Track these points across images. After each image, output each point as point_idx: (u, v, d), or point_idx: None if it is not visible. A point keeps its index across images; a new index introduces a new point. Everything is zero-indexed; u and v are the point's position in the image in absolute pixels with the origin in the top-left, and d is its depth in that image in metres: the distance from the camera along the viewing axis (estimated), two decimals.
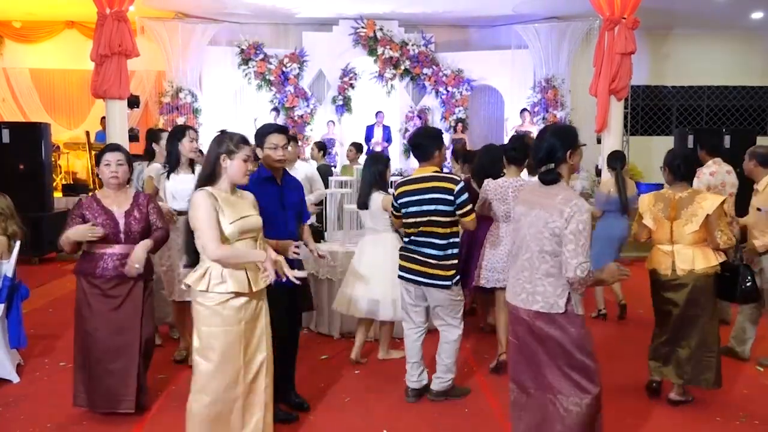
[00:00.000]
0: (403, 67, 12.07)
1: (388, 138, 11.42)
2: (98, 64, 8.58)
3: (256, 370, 2.90)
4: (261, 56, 11.90)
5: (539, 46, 11.83)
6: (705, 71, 12.69)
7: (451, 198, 3.55)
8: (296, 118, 11.96)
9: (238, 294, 2.79)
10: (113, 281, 3.44)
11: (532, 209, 2.68)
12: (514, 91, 12.16)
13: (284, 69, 11.94)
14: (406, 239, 3.78)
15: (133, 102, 9.61)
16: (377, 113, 11.39)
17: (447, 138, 12.01)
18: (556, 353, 2.65)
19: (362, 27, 11.90)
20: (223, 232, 2.78)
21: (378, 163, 4.46)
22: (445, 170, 4.50)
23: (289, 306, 3.47)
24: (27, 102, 12.67)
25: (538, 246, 2.63)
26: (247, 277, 2.81)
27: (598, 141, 9.56)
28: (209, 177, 2.88)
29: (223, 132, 2.96)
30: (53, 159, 10.50)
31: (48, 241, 8.41)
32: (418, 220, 3.63)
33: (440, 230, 3.61)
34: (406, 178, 3.82)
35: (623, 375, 4.29)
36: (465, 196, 3.57)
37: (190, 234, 2.87)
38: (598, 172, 9.23)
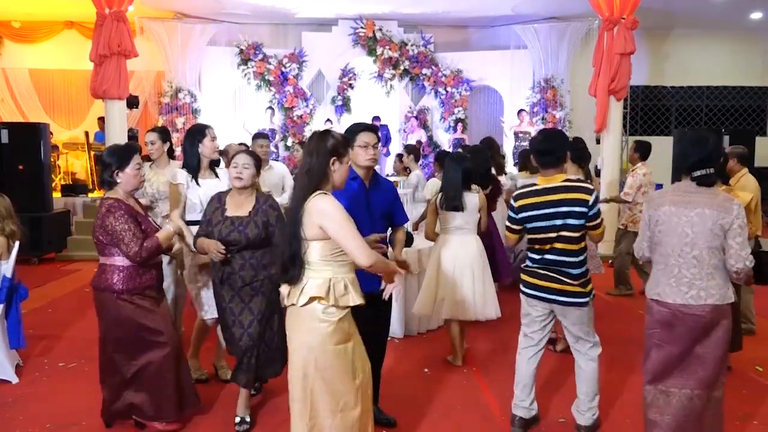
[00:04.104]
0: (402, 68, 12.07)
1: (387, 139, 11.40)
2: (97, 64, 8.59)
3: (366, 385, 2.69)
4: (260, 56, 11.90)
5: (538, 46, 11.83)
6: (704, 71, 12.70)
7: (585, 210, 3.20)
8: (295, 118, 11.97)
9: (354, 307, 2.60)
10: (157, 288, 3.41)
11: (691, 209, 2.86)
12: (514, 91, 12.16)
13: (283, 69, 11.94)
14: (536, 256, 3.36)
15: (133, 102, 9.60)
16: (374, 118, 11.21)
17: (446, 139, 12.03)
18: (719, 343, 2.88)
19: (361, 27, 11.91)
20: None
21: (465, 161, 4.49)
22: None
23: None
24: (26, 102, 12.66)
25: (707, 243, 2.83)
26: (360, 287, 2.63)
27: (597, 141, 9.57)
28: (320, 181, 2.57)
29: (326, 131, 2.68)
30: (52, 159, 10.49)
31: (47, 241, 8.42)
32: (548, 235, 3.26)
33: (574, 246, 3.26)
34: (529, 189, 3.36)
35: (609, 370, 4.30)
36: (597, 207, 3.23)
37: (288, 245, 2.58)
38: (597, 173, 9.24)
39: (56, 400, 3.88)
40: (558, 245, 3.25)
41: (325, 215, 2.48)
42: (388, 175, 7.05)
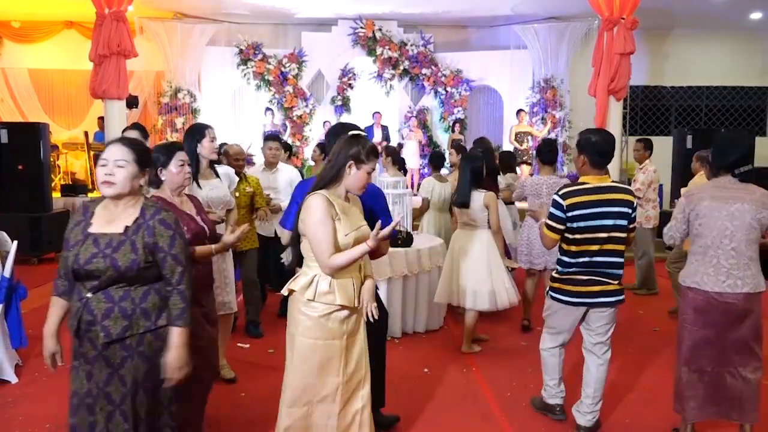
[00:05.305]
0: (402, 68, 12.08)
1: (387, 138, 11.41)
2: (97, 64, 8.59)
3: (354, 386, 2.74)
4: (260, 56, 11.90)
5: (538, 46, 11.83)
6: (704, 71, 12.69)
7: (630, 212, 3.24)
8: (295, 118, 11.97)
9: (344, 307, 2.64)
10: (197, 288, 3.05)
11: (731, 204, 3.04)
12: (513, 91, 12.16)
13: (283, 69, 11.94)
14: (578, 259, 3.27)
15: (132, 102, 9.60)
16: (374, 114, 11.37)
17: (445, 138, 12.03)
18: (752, 328, 3.10)
19: (361, 27, 11.91)
20: (336, 242, 2.59)
21: (475, 161, 4.69)
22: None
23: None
24: (26, 102, 12.65)
25: (746, 235, 3.04)
26: (354, 290, 2.67)
27: None
28: (331, 180, 2.68)
29: (356, 135, 2.73)
30: (52, 159, 10.48)
31: (47, 242, 8.41)
32: (598, 236, 3.20)
33: (620, 247, 3.26)
34: (579, 188, 3.26)
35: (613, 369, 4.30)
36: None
37: (296, 232, 2.71)
38: None
39: (56, 400, 3.87)
40: (608, 246, 3.23)
41: (306, 212, 2.62)
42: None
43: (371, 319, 2.73)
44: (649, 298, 6.44)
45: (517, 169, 8.32)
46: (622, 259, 3.30)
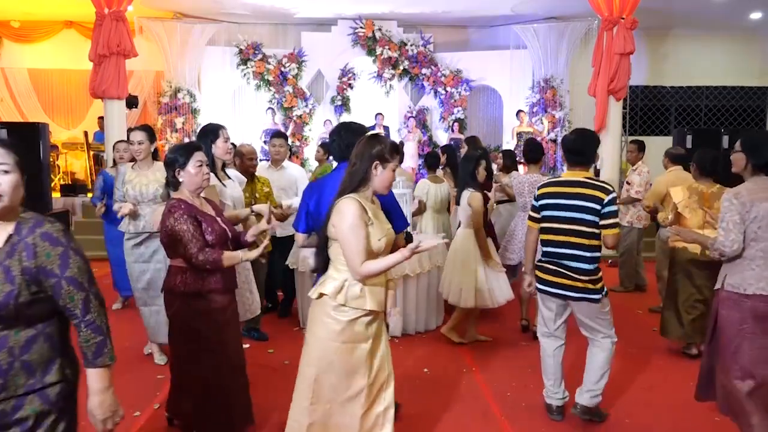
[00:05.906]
0: (401, 67, 12.07)
1: None
2: (97, 64, 8.59)
3: (378, 388, 2.73)
4: (259, 56, 11.90)
5: (538, 46, 11.83)
6: (703, 71, 12.70)
7: (598, 208, 3.28)
8: (295, 118, 11.97)
9: (371, 311, 2.64)
10: (224, 292, 3.10)
11: None
12: (513, 91, 12.16)
13: (283, 69, 11.94)
14: (548, 249, 3.46)
15: (132, 102, 9.58)
16: (376, 115, 11.37)
17: (444, 138, 12.02)
18: None
19: (361, 27, 11.91)
20: (369, 247, 2.56)
21: (468, 162, 4.85)
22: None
23: None
24: (25, 102, 12.65)
25: None
26: (383, 295, 2.68)
27: None
28: (359, 184, 2.63)
29: (375, 135, 2.70)
30: (51, 159, 10.48)
31: None
32: (561, 226, 3.38)
33: (585, 241, 3.33)
34: (553, 180, 3.54)
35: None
36: (613, 208, 3.29)
37: (323, 237, 2.68)
38: (597, 173, 9.25)
39: None
40: (572, 239, 3.36)
41: (339, 217, 2.57)
42: None
43: (392, 324, 2.82)
44: (648, 298, 6.44)
45: (519, 167, 8.32)
46: (587, 254, 3.33)
